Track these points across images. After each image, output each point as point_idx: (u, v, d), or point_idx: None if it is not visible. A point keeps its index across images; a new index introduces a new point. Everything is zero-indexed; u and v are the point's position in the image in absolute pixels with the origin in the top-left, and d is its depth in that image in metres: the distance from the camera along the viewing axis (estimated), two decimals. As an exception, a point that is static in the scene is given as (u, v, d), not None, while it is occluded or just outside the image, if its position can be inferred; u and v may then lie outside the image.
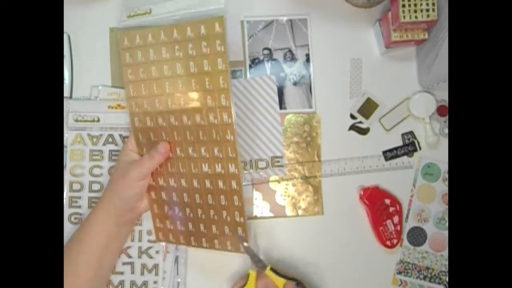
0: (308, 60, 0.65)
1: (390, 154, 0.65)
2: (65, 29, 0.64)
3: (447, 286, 0.64)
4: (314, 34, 0.65)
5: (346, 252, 0.64)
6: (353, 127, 0.65)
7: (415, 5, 0.55)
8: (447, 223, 0.64)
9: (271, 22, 0.65)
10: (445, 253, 0.64)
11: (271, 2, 0.65)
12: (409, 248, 0.64)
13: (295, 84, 0.65)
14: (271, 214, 0.64)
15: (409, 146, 0.65)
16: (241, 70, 0.64)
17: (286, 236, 0.64)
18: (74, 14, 0.65)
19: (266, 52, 0.65)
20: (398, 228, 0.63)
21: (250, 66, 0.65)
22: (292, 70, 0.65)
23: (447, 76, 0.56)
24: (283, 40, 0.65)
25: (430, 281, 0.64)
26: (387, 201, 0.63)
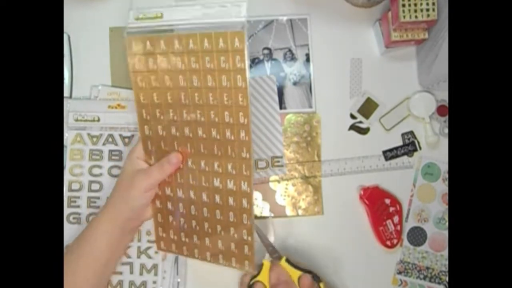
0: (308, 60, 0.65)
1: (390, 154, 0.65)
2: (65, 29, 0.64)
3: (447, 286, 0.64)
4: (314, 34, 0.65)
5: (346, 252, 0.64)
6: (353, 127, 0.65)
7: (415, 4, 0.55)
8: (447, 223, 0.64)
9: (271, 22, 0.65)
10: (445, 253, 0.64)
11: (271, 2, 0.65)
12: (409, 248, 0.64)
13: (295, 84, 0.65)
14: (271, 214, 0.64)
15: (409, 146, 0.65)
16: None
17: (286, 236, 0.64)
18: (74, 14, 0.65)
19: (266, 52, 0.65)
20: (398, 228, 0.63)
21: (250, 66, 0.64)
22: (292, 70, 0.65)
23: (447, 76, 0.56)
24: (283, 40, 0.65)
25: (430, 281, 0.64)
26: (387, 201, 0.63)
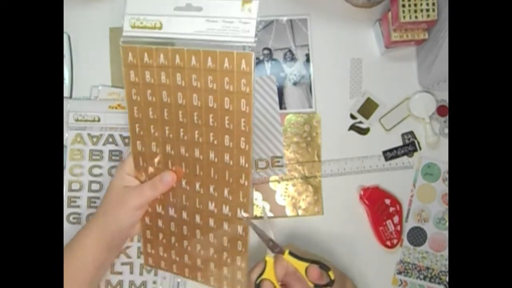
0: (308, 60, 0.65)
1: (390, 154, 0.65)
2: (65, 29, 0.64)
3: (447, 286, 0.64)
4: (314, 34, 0.65)
5: (346, 252, 0.64)
6: (353, 127, 0.65)
7: (415, 5, 0.55)
8: (447, 223, 0.64)
9: (271, 22, 0.65)
10: (445, 253, 0.64)
11: (271, 2, 0.65)
12: (409, 248, 0.64)
13: (295, 84, 0.65)
14: (271, 214, 0.64)
15: (409, 146, 0.65)
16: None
17: (286, 236, 0.64)
18: (74, 14, 0.65)
19: (266, 52, 0.65)
20: (398, 228, 0.63)
21: (250, 66, 0.65)
22: (292, 70, 0.65)
23: (447, 76, 0.56)
24: (283, 40, 0.65)
25: (430, 281, 0.64)
26: (387, 201, 0.63)
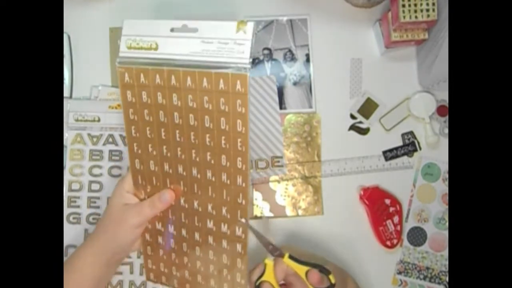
0: (308, 60, 0.65)
1: (390, 154, 0.65)
2: (65, 29, 0.64)
3: (447, 286, 0.64)
4: (314, 34, 0.65)
5: (346, 252, 0.64)
6: (353, 127, 0.65)
7: (415, 5, 0.55)
8: (447, 223, 0.64)
9: (271, 22, 0.65)
10: (445, 253, 0.64)
11: (271, 2, 0.65)
12: (409, 248, 0.64)
13: (295, 84, 0.65)
14: (271, 214, 0.64)
15: (409, 146, 0.65)
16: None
17: (286, 236, 0.64)
18: (74, 14, 0.65)
19: (266, 52, 0.65)
20: (398, 228, 0.63)
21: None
22: (292, 70, 0.65)
23: (447, 76, 0.56)
24: (283, 40, 0.65)
25: (430, 281, 0.64)
26: (387, 201, 0.63)
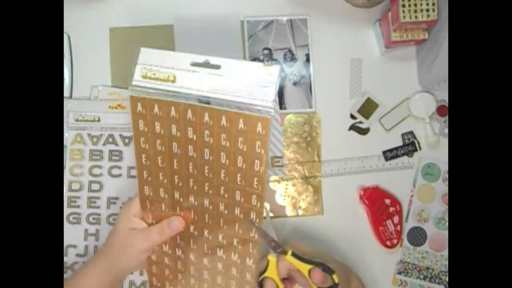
0: (308, 60, 0.65)
1: (390, 154, 0.65)
2: (65, 29, 0.64)
3: (447, 286, 0.64)
4: (314, 34, 0.65)
5: (346, 252, 0.64)
6: (353, 127, 0.65)
7: (415, 5, 0.55)
8: (447, 223, 0.64)
9: (271, 22, 0.65)
10: (445, 253, 0.64)
11: (271, 2, 0.65)
12: (409, 248, 0.64)
13: (295, 84, 0.65)
14: (271, 214, 0.64)
15: (409, 146, 0.65)
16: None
17: (286, 236, 0.64)
18: (74, 14, 0.65)
19: (266, 52, 0.65)
20: (398, 228, 0.63)
21: (250, 66, 0.64)
22: (292, 70, 0.65)
23: (447, 76, 0.56)
24: (283, 40, 0.65)
25: (430, 281, 0.64)
26: (387, 201, 0.63)
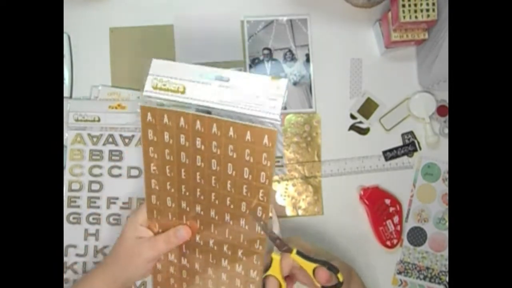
0: (308, 60, 0.65)
1: (390, 154, 0.65)
2: (65, 29, 0.64)
3: (447, 286, 0.64)
4: (314, 34, 0.65)
5: (346, 252, 0.64)
6: (353, 127, 0.65)
7: (415, 5, 0.55)
8: (447, 223, 0.64)
9: (271, 22, 0.65)
10: (445, 253, 0.64)
11: (271, 2, 0.65)
12: (409, 248, 0.64)
13: (295, 84, 0.65)
14: (271, 214, 0.64)
15: (409, 146, 0.65)
16: (240, 70, 0.64)
17: (286, 236, 0.64)
18: (74, 14, 0.65)
19: (266, 52, 0.65)
20: (398, 228, 0.63)
21: (250, 66, 0.65)
22: (292, 70, 0.65)
23: (447, 76, 0.56)
24: (283, 40, 0.65)
25: (430, 281, 0.64)
26: (387, 201, 0.63)
